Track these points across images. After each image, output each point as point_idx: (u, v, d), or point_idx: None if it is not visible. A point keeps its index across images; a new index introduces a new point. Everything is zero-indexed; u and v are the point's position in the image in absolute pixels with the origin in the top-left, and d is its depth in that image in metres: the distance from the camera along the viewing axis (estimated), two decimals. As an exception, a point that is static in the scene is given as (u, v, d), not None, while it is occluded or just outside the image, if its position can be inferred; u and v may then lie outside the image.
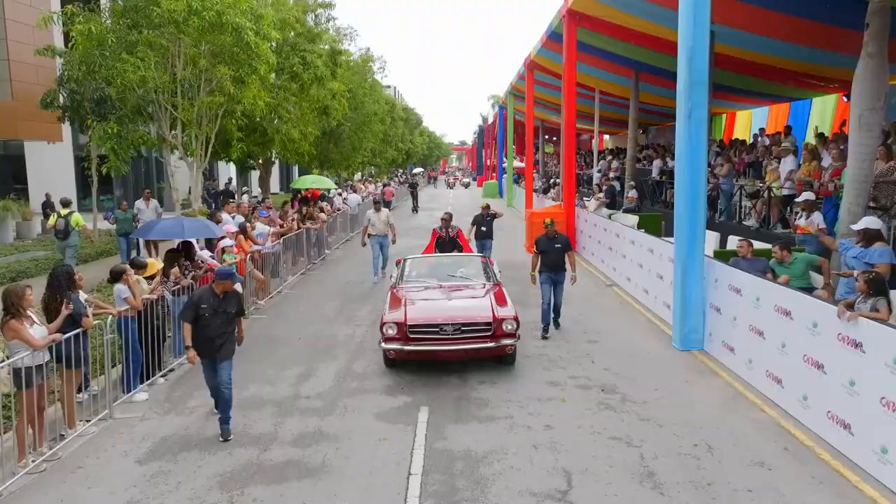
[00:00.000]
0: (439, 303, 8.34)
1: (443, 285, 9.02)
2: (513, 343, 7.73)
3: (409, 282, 9.27)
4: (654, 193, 18.21)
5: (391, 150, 36.35)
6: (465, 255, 10.90)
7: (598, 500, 5.02)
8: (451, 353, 7.72)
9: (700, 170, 8.43)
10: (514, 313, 7.86)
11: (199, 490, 5.28)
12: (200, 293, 6.38)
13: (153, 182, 28.79)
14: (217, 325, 6.23)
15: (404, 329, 7.65)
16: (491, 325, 7.66)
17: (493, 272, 9.64)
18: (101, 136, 11.71)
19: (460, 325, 7.66)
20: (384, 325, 7.74)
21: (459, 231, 12.18)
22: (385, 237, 13.97)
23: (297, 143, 16.57)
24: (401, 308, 8.02)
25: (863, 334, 5.44)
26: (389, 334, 7.67)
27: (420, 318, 7.78)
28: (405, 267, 9.78)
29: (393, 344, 7.68)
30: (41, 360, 5.64)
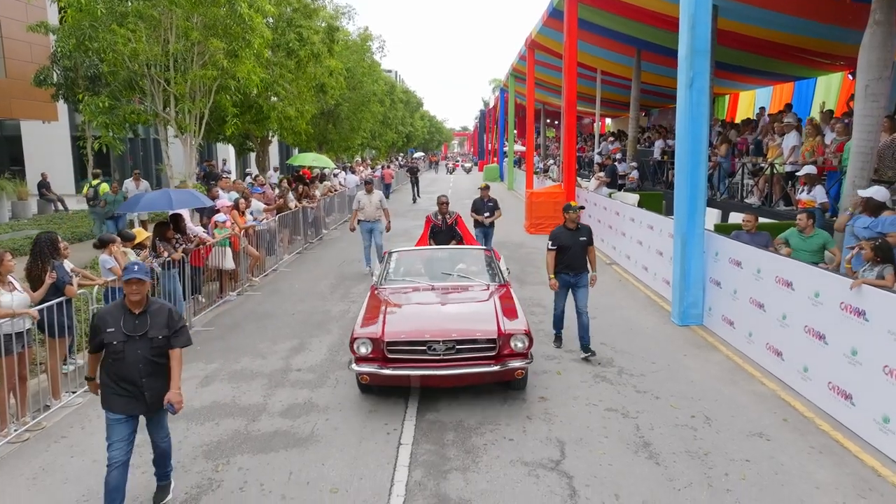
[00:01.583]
0: (429, 311, 6.54)
1: (435, 287, 7.18)
2: (524, 366, 5.91)
3: (393, 281, 7.45)
4: (655, 174, 18.01)
5: (391, 133, 36.04)
6: (465, 249, 8.85)
7: (592, 469, 4.90)
8: (443, 380, 5.92)
9: (701, 140, 8.24)
10: (525, 326, 6.03)
11: (184, 459, 5.17)
12: (106, 310, 4.35)
13: (151, 163, 28.60)
14: (136, 359, 4.16)
15: (381, 347, 5.86)
16: (495, 343, 5.86)
17: (499, 269, 7.73)
18: (93, 111, 11.51)
19: (455, 342, 5.83)
20: (355, 341, 5.92)
21: (458, 217, 10.04)
22: (376, 223, 12.20)
23: (293, 122, 16.34)
24: (378, 318, 6.20)
25: (866, 302, 5.29)
26: (362, 353, 5.89)
27: (402, 333, 5.96)
28: (390, 262, 7.89)
29: (366, 366, 5.88)
30: (21, 328, 5.51)
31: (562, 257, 7.33)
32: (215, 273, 10.14)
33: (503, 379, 6.05)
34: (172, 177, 13.17)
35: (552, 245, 7.36)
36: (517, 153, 37.74)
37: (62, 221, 16.87)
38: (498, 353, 5.87)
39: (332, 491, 4.66)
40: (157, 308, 4.33)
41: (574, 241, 7.27)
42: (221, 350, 7.86)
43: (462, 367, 5.80)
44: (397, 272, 7.71)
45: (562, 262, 7.35)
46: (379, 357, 5.90)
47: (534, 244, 15.56)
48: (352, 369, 5.99)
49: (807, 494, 4.50)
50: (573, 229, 7.33)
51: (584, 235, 7.35)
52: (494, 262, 7.91)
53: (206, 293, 10.04)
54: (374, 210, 12.09)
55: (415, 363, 5.87)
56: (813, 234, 7.31)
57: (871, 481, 4.67)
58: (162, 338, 4.27)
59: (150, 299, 4.34)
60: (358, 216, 12.25)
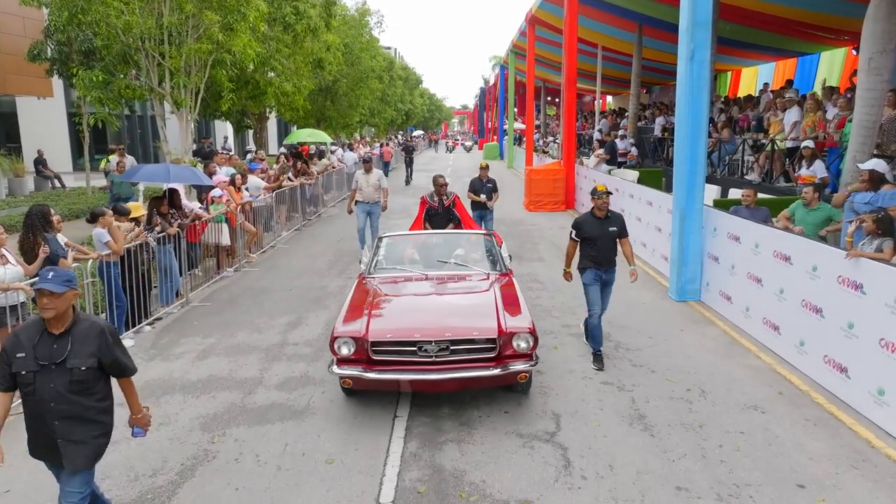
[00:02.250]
0: (421, 306, 5.87)
1: (429, 276, 6.46)
2: (528, 368, 5.20)
3: (383, 270, 6.73)
4: (655, 151, 17.89)
5: (390, 111, 35.74)
6: (463, 233, 8.01)
7: (587, 441, 4.92)
8: (436, 385, 5.18)
9: (702, 114, 8.14)
10: (529, 324, 5.33)
11: (180, 431, 5.19)
12: (21, 328, 3.39)
13: (148, 140, 28.42)
14: (49, 396, 3.23)
15: (365, 347, 5.17)
16: (496, 343, 5.17)
17: (500, 255, 7.00)
18: (87, 85, 11.38)
19: (449, 342, 5.12)
20: (335, 340, 5.24)
21: (457, 198, 9.10)
22: (375, 204, 11.42)
23: (290, 98, 16.18)
24: (363, 314, 5.49)
25: (864, 275, 5.26)
26: (343, 354, 5.20)
27: (388, 332, 5.25)
28: (380, 248, 7.17)
29: (349, 368, 5.19)
30: (15, 301, 5.49)
31: (588, 250, 6.41)
32: (213, 249, 10.11)
33: (504, 383, 5.44)
34: (169, 153, 13.07)
35: (574, 235, 6.46)
36: (517, 131, 37.48)
37: (59, 198, 16.81)
38: (498, 355, 5.18)
39: (328, 462, 4.68)
40: (86, 328, 3.30)
41: (602, 231, 6.31)
42: (218, 325, 7.86)
43: (457, 370, 5.13)
44: (388, 259, 6.99)
45: (588, 256, 6.42)
46: (363, 358, 5.19)
47: (532, 221, 15.51)
48: (332, 372, 5.28)
49: (800, 465, 4.51)
50: (601, 218, 6.36)
51: (614, 225, 6.37)
52: (495, 247, 7.19)
53: (204, 269, 10.02)
54: (373, 191, 11.34)
55: (403, 366, 5.16)
56: (818, 207, 7.26)
57: (864, 452, 4.69)
58: (86, 369, 3.23)
59: (77, 316, 3.34)
60: (356, 196, 11.46)
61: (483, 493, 4.26)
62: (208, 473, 4.55)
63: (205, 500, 4.22)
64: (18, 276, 5.60)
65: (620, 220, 6.51)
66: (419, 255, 7.11)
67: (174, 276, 8.29)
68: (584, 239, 6.42)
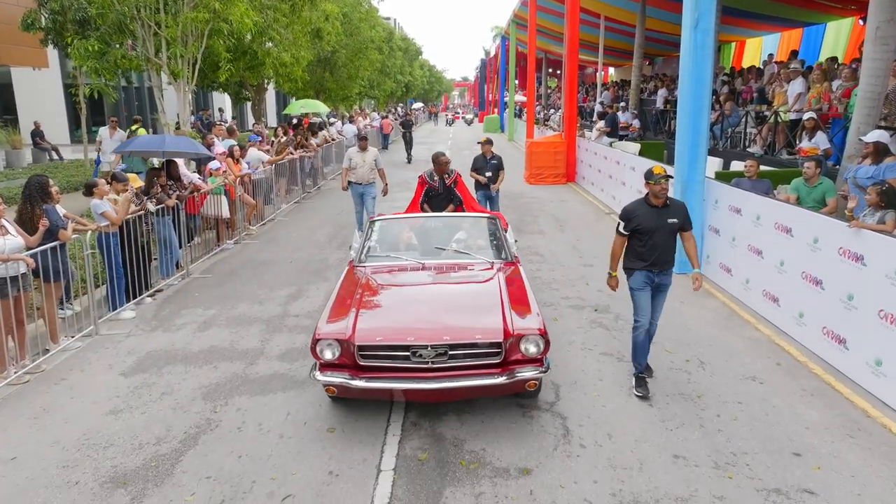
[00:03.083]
0: (416, 302, 5.14)
1: (426, 265, 5.77)
2: (537, 376, 4.59)
3: (375, 258, 6.05)
4: (657, 124, 17.75)
5: (389, 82, 35.35)
6: (465, 216, 7.17)
7: (586, 410, 4.96)
8: (432, 394, 4.59)
9: (705, 84, 8.03)
10: (539, 324, 4.70)
11: (183, 400, 5.23)
12: None
13: (146, 112, 28.16)
14: None
15: (351, 351, 4.55)
16: (501, 347, 4.55)
17: (505, 242, 6.30)
18: (82, 55, 11.22)
19: (447, 346, 4.49)
20: (317, 342, 4.61)
21: (458, 177, 8.12)
22: (370, 186, 10.31)
23: (289, 69, 15.99)
24: (350, 311, 4.86)
25: (865, 247, 5.26)
26: (327, 358, 4.58)
27: (378, 334, 4.61)
28: (372, 232, 6.47)
29: (333, 375, 4.57)
30: (15, 272, 5.49)
31: (639, 247, 5.12)
32: (212, 221, 10.09)
33: (510, 392, 4.79)
34: (167, 124, 12.96)
35: (623, 228, 5.17)
36: (518, 103, 37.13)
37: (57, 170, 16.70)
38: (504, 360, 4.56)
39: (329, 431, 4.73)
40: None
41: (659, 222, 5.07)
42: (219, 296, 7.88)
43: (457, 378, 4.51)
44: (381, 245, 6.31)
45: (638, 254, 5.14)
46: (348, 364, 4.58)
47: (533, 194, 15.46)
48: (314, 379, 4.62)
49: (796, 434, 4.56)
50: (658, 206, 5.09)
51: (675, 216, 5.11)
52: (500, 231, 6.48)
53: (204, 241, 10.01)
54: (368, 171, 10.22)
55: (395, 373, 4.56)
56: (818, 183, 7.21)
57: (860, 422, 4.74)
58: None
59: None
60: (349, 177, 10.36)
61: (483, 460, 4.31)
62: (211, 441, 4.60)
63: (208, 467, 4.27)
64: (19, 246, 5.60)
65: (683, 210, 5.21)
66: (415, 241, 6.42)
67: (174, 247, 8.29)
68: (634, 232, 5.12)
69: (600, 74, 26.58)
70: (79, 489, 4.05)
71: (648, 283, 5.19)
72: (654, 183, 5.05)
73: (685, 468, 4.19)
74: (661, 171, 5.05)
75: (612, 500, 3.87)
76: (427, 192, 8.03)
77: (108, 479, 4.14)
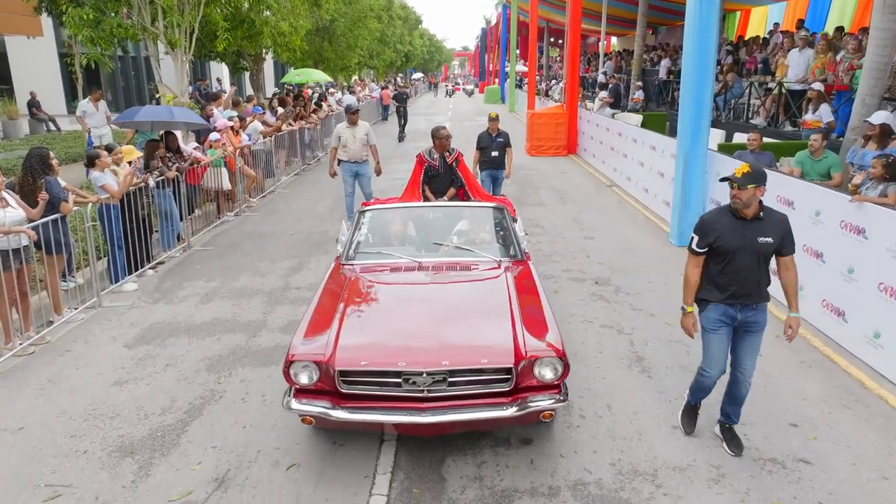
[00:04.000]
0: (409, 314, 4.30)
1: (423, 265, 4.97)
2: (553, 406, 3.82)
3: (365, 255, 5.27)
4: (660, 94, 17.58)
5: (389, 52, 34.91)
6: (466, 206, 6.24)
7: (586, 382, 5.02)
8: (428, 428, 3.79)
9: (710, 54, 7.93)
10: (557, 343, 3.92)
11: (187, 372, 5.28)
12: None
13: (143, 82, 27.87)
14: None
15: (331, 376, 3.79)
16: (511, 373, 3.79)
17: (514, 235, 5.46)
18: (77, 23, 11.05)
19: (447, 372, 3.73)
20: (291, 363, 3.86)
21: (459, 155, 7.24)
22: (364, 164, 9.47)
23: (287, 38, 15.78)
24: (331, 325, 4.11)
25: (867, 220, 5.26)
26: (303, 383, 3.85)
27: (363, 356, 3.83)
28: (361, 224, 5.62)
29: (310, 403, 3.83)
30: (17, 244, 5.49)
31: (716, 271, 3.86)
32: (213, 193, 10.06)
33: (521, 423, 4.07)
34: (164, 95, 12.83)
35: (697, 244, 3.88)
36: (519, 73, 36.70)
37: (55, 142, 16.57)
38: (514, 387, 3.81)
39: (332, 401, 4.78)
40: None
41: (746, 241, 3.76)
42: (220, 269, 7.90)
43: (457, 409, 3.75)
44: (371, 239, 5.55)
45: (714, 281, 3.89)
46: (328, 390, 3.83)
47: (533, 166, 15.38)
48: (288, 407, 3.86)
49: (794, 405, 4.62)
50: (746, 218, 3.77)
51: (768, 233, 3.75)
52: (508, 222, 5.62)
53: (204, 213, 10.00)
54: (360, 148, 9.35)
55: (385, 402, 3.79)
56: (823, 156, 7.17)
57: (857, 393, 4.80)
58: None
59: None
60: (340, 155, 9.41)
61: (484, 431, 4.37)
62: (216, 412, 4.66)
63: (214, 437, 4.33)
64: (20, 219, 5.59)
65: (783, 226, 3.81)
66: (411, 234, 5.63)
67: (174, 220, 8.28)
68: (712, 251, 3.86)
69: (603, 44, 26.21)
70: (87, 458, 4.12)
71: (727, 321, 3.90)
72: (738, 187, 3.66)
73: (683, 438, 4.26)
74: (743, 171, 3.67)
75: (611, 470, 3.94)
76: (426, 171, 7.18)
77: (115, 449, 4.21)
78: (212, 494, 3.76)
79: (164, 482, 3.88)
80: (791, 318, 3.90)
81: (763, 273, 3.85)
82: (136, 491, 3.80)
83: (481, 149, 9.27)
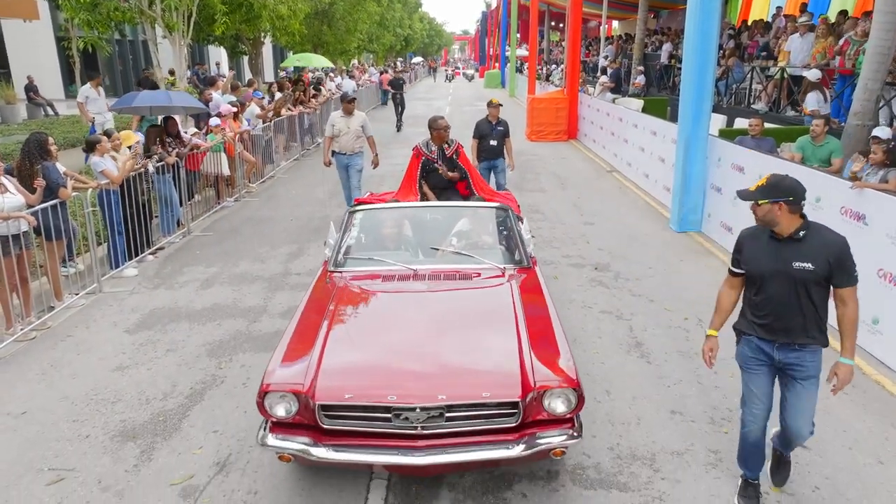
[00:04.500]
0: (401, 334, 3.80)
1: (419, 273, 4.44)
2: (566, 443, 3.35)
3: (354, 261, 4.73)
4: (661, 79, 17.47)
5: (388, 35, 34.64)
6: (468, 206, 5.58)
7: (585, 367, 5.03)
8: (422, 469, 3.34)
9: (711, 38, 7.87)
10: (571, 371, 3.43)
11: (188, 357, 5.30)
12: None
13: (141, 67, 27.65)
14: None
15: (311, 409, 3.30)
16: (517, 407, 3.30)
17: (520, 238, 4.90)
18: (73, 6, 10.96)
19: (443, 407, 3.25)
20: (266, 394, 3.35)
21: (460, 148, 6.63)
22: (355, 156, 8.88)
23: (286, 21, 15.65)
24: (313, 347, 3.61)
25: (867, 206, 5.25)
26: (280, 416, 3.36)
27: (348, 387, 3.35)
28: (351, 227, 5.07)
29: (288, 438, 3.35)
30: (17, 230, 5.49)
31: (751, 300, 3.30)
32: (212, 179, 10.03)
33: (528, 462, 3.68)
34: (163, 79, 12.75)
35: (734, 264, 3.38)
36: (519, 58, 36.45)
37: (54, 126, 16.48)
38: (521, 422, 3.33)
39: (333, 386, 4.80)
40: None
41: (779, 265, 3.14)
42: (220, 254, 7.91)
43: (456, 448, 3.28)
44: (361, 243, 5.02)
45: (750, 308, 3.32)
46: (308, 424, 3.35)
47: (534, 151, 15.33)
48: (263, 443, 3.38)
49: (792, 391, 4.64)
50: (781, 238, 3.14)
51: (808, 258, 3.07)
52: (513, 223, 5.06)
53: (204, 199, 9.98)
54: (353, 139, 8.76)
55: (373, 439, 3.32)
56: (824, 142, 7.13)
57: (855, 379, 4.80)
58: None
59: None
60: (333, 145, 8.90)
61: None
62: (217, 397, 4.69)
63: (215, 422, 4.36)
64: (19, 204, 5.58)
65: (833, 250, 3.07)
66: (406, 237, 5.10)
67: (174, 205, 8.27)
68: (750, 275, 3.28)
69: (604, 28, 26.00)
70: (90, 442, 4.15)
71: (763, 360, 3.32)
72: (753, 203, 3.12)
73: (682, 423, 4.29)
74: (760, 183, 3.13)
75: (609, 454, 3.97)
76: (424, 165, 6.58)
77: (117, 433, 4.24)
78: (213, 478, 3.79)
79: (166, 466, 3.91)
80: (839, 364, 3.21)
81: (807, 306, 3.15)
82: (139, 474, 3.84)
83: (480, 137, 8.75)
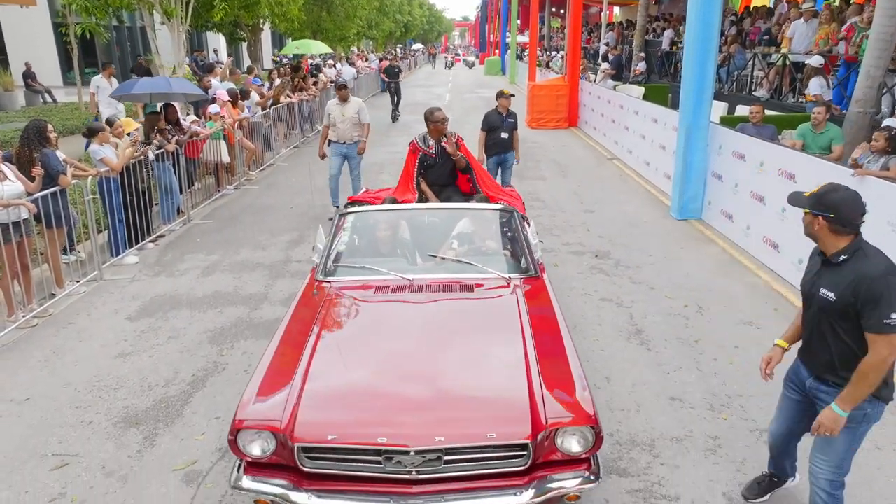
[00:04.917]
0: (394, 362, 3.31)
1: (415, 284, 3.98)
2: (581, 488, 2.92)
3: (346, 270, 4.29)
4: (662, 66, 17.37)
5: (388, 22, 34.40)
6: (468, 208, 4.98)
7: (585, 355, 5.04)
8: None
9: (713, 25, 7.83)
10: (588, 405, 2.96)
11: (189, 344, 5.32)
12: None
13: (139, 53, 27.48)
14: None
15: (290, 450, 2.85)
16: (527, 449, 2.85)
17: (527, 244, 4.44)
18: (71, -8, 10.89)
19: (441, 451, 2.80)
20: (239, 431, 2.89)
21: (460, 140, 6.03)
22: (353, 145, 8.68)
23: (284, 7, 15.54)
24: (293, 377, 3.12)
25: (868, 193, 5.18)
26: (255, 455, 2.91)
27: (331, 425, 2.89)
28: (342, 231, 4.59)
29: (265, 481, 2.92)
30: (17, 218, 5.49)
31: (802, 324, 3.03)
32: (212, 166, 10.01)
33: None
34: (162, 66, 12.68)
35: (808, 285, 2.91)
36: (520, 44, 36.22)
37: (52, 114, 16.41)
38: (532, 464, 2.88)
39: (334, 373, 4.82)
40: None
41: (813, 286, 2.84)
42: (221, 242, 7.91)
43: (456, 495, 2.85)
44: (355, 249, 4.59)
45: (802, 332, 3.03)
46: (286, 465, 2.92)
47: (534, 139, 15.28)
48: (237, 486, 2.94)
49: (791, 377, 4.66)
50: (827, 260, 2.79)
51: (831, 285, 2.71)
52: (519, 225, 4.59)
53: (204, 186, 9.97)
54: (350, 127, 8.56)
55: (361, 484, 2.89)
56: (825, 129, 7.10)
57: (853, 366, 4.83)
58: None
59: None
60: (329, 135, 8.74)
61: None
62: (219, 384, 4.71)
63: (217, 408, 4.39)
64: (18, 192, 5.57)
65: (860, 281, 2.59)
66: (401, 242, 4.61)
67: (174, 193, 8.26)
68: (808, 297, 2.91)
69: (605, 14, 25.82)
70: (93, 428, 4.17)
71: (793, 386, 3.12)
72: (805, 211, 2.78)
73: (681, 410, 4.31)
74: (815, 190, 2.77)
75: (609, 440, 3.99)
76: (421, 161, 6.06)
77: (120, 420, 4.26)
78: (216, 464, 3.82)
79: (169, 452, 3.94)
80: (825, 412, 2.75)
81: (835, 342, 2.75)
82: (142, 460, 3.86)
83: (490, 129, 8.34)
